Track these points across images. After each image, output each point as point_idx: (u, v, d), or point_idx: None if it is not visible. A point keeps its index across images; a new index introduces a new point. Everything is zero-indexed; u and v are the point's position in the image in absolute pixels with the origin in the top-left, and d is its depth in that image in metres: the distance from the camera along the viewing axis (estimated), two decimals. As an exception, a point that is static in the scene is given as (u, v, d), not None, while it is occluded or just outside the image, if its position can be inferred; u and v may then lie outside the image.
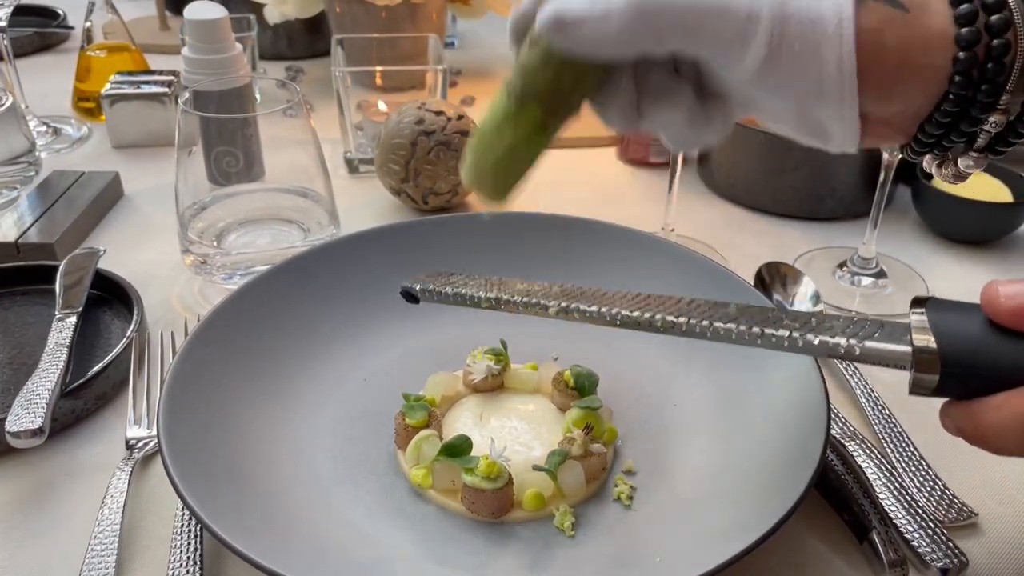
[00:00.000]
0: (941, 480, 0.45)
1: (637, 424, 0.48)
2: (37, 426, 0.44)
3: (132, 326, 0.54)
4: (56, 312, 0.54)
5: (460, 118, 0.70)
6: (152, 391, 0.51)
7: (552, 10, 0.31)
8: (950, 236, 0.70)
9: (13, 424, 0.44)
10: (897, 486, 0.43)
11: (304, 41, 1.12)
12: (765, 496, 0.39)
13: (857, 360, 0.31)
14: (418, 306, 0.42)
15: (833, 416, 0.44)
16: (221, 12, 0.67)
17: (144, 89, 0.84)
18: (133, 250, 0.67)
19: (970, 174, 0.34)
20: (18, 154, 0.75)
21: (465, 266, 0.55)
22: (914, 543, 0.40)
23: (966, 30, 0.29)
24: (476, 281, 0.40)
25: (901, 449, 0.47)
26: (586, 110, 0.36)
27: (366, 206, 0.75)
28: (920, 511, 0.42)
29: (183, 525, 0.41)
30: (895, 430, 0.48)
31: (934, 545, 0.40)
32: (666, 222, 0.67)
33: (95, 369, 0.50)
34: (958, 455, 0.47)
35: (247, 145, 0.63)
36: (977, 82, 0.30)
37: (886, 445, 0.47)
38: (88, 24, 0.92)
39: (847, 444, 0.46)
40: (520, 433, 0.46)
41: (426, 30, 0.94)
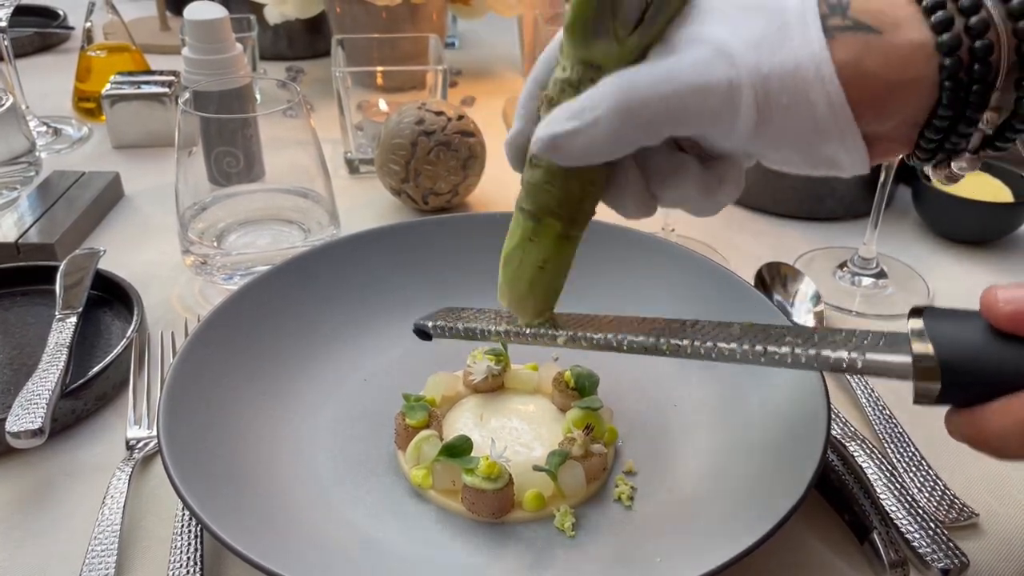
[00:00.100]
0: (942, 480, 0.45)
1: (637, 424, 0.48)
2: (37, 426, 0.44)
3: (132, 326, 0.54)
4: (56, 312, 0.54)
5: (460, 118, 0.70)
6: (152, 391, 0.50)
7: (544, 134, 0.32)
8: (950, 236, 0.70)
9: (13, 424, 0.44)
10: (898, 486, 0.43)
11: (304, 41, 1.12)
12: (766, 496, 0.38)
13: (860, 373, 0.31)
14: (418, 306, 0.42)
15: (833, 416, 0.44)
16: (221, 12, 0.67)
17: (144, 89, 0.84)
18: (133, 250, 0.67)
19: (962, 176, 0.34)
20: (18, 154, 0.75)
21: (465, 266, 0.56)
22: (915, 543, 0.40)
23: (946, 36, 0.29)
24: (486, 315, 0.41)
25: (902, 449, 0.47)
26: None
27: (366, 206, 0.75)
28: (921, 511, 0.42)
29: (183, 525, 0.41)
30: (895, 430, 0.48)
31: (935, 545, 0.40)
32: (666, 222, 0.67)
33: (95, 369, 0.50)
34: (959, 455, 0.47)
35: (247, 145, 0.63)
36: (967, 84, 0.30)
37: (887, 445, 0.47)
38: (88, 24, 0.92)
39: (848, 444, 0.46)
40: (520, 433, 0.46)
41: (426, 30, 0.94)
